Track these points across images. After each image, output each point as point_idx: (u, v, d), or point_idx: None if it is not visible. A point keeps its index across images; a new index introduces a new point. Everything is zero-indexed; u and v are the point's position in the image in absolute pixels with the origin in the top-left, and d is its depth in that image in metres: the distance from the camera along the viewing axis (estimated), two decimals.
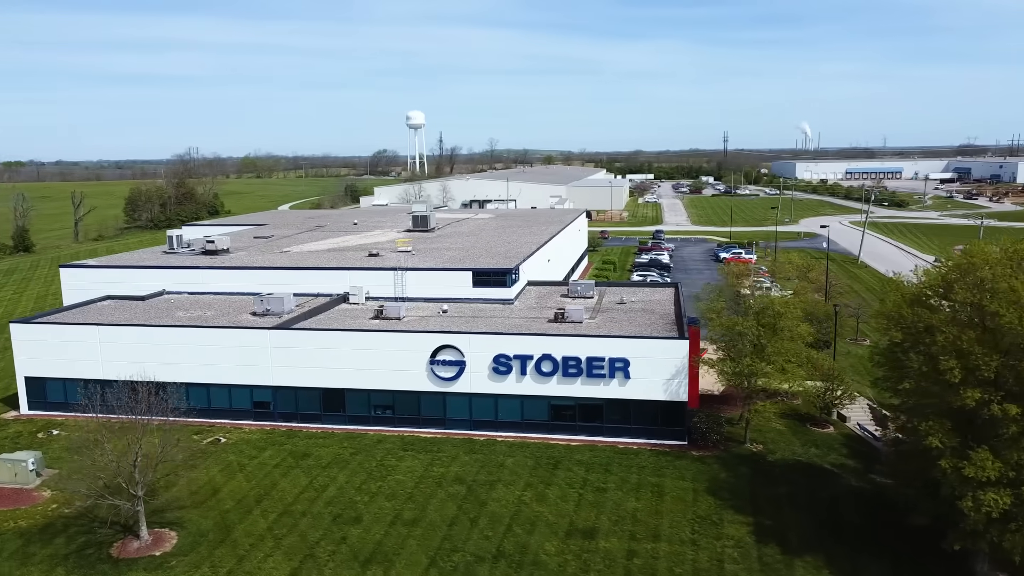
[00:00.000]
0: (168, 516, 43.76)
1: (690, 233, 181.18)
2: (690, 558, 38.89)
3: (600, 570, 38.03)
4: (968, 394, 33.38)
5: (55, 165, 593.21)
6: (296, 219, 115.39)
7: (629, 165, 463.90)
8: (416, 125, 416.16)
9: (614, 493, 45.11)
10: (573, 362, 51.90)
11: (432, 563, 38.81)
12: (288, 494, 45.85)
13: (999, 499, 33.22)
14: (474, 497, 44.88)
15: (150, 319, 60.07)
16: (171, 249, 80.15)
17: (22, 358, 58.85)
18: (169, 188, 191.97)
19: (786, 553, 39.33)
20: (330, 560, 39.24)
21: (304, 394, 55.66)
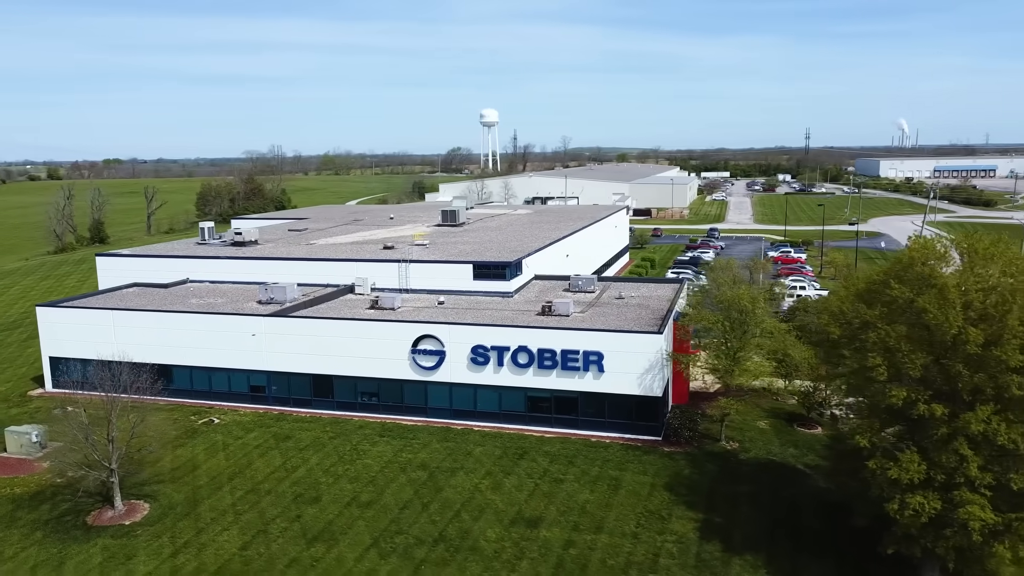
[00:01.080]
0: (146, 489, 46.38)
1: (748, 232, 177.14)
2: (626, 551, 38.83)
3: (534, 558, 38.43)
4: (894, 393, 32.29)
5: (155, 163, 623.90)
6: (338, 213, 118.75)
7: (705, 163, 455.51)
8: (490, 123, 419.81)
9: (570, 485, 45.29)
10: (548, 354, 52.22)
11: (374, 543, 40.00)
12: (260, 473, 47.87)
13: (926, 503, 32.05)
14: (433, 483, 45.85)
15: (163, 305, 63.35)
16: (202, 240, 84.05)
17: (47, 339, 63.07)
18: (238, 184, 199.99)
19: (727, 551, 38.81)
20: (280, 536, 40.91)
21: (296, 379, 57.77)
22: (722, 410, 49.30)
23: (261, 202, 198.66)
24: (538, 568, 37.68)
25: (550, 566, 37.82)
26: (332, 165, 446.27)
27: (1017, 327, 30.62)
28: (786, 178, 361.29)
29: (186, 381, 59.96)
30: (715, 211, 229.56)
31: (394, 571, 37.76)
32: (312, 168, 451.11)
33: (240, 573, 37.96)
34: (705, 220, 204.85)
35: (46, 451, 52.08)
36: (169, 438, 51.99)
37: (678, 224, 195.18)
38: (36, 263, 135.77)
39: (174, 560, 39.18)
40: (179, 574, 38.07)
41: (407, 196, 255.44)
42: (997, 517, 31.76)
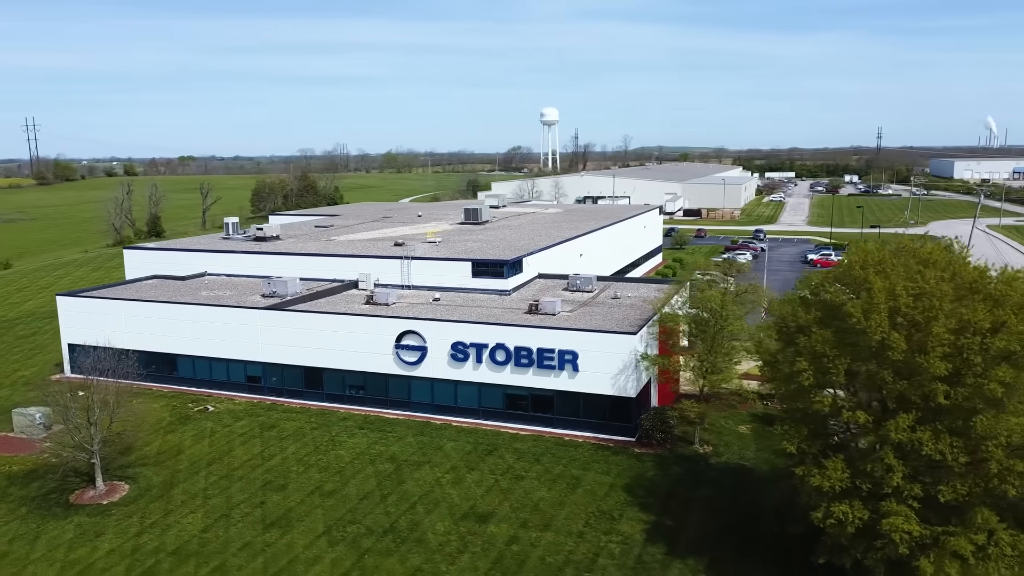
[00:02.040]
0: (129, 471, 48.66)
1: (798, 233, 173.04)
2: (568, 549, 38.97)
3: (475, 552, 38.95)
4: (818, 399, 31.65)
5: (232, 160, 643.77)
6: (371, 211, 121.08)
7: (771, 163, 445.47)
8: (550, 122, 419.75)
9: (530, 482, 45.59)
10: (525, 352, 52.56)
11: (326, 531, 41.15)
12: (237, 460, 49.65)
13: (850, 512, 31.33)
14: (397, 476, 46.78)
15: (176, 297, 66.02)
16: (227, 235, 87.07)
17: (66, 327, 66.51)
18: (291, 181, 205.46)
19: (670, 554, 38.56)
20: (240, 521, 42.45)
21: (289, 371, 59.53)
22: (698, 413, 48.74)
23: (313, 199, 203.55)
24: (477, 562, 38.18)
25: (489, 561, 38.28)
26: (394, 163, 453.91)
27: (943, 335, 29.64)
28: (852, 179, 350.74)
29: (189, 370, 62.44)
30: (769, 212, 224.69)
31: (338, 559, 38.80)
32: (375, 166, 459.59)
33: (194, 554, 39.57)
34: (757, 221, 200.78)
35: (49, 432, 55.03)
36: (152, 423, 54.49)
37: (727, 225, 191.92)
38: (93, 255, 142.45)
39: (138, 539, 41.10)
40: (138, 552, 39.92)
41: (460, 194, 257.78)
42: (925, 530, 30.85)
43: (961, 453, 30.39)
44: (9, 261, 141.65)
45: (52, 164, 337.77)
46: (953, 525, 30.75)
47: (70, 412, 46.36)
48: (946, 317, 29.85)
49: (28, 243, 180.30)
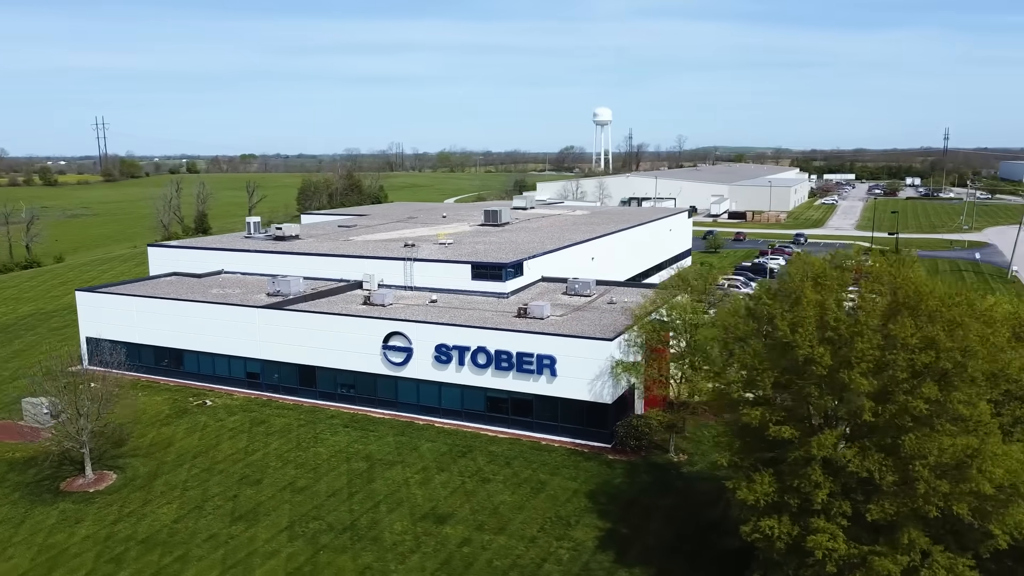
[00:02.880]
0: (120, 461, 50.82)
1: (843, 238, 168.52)
2: (516, 553, 39.31)
3: (426, 552, 39.61)
4: (745, 411, 31.32)
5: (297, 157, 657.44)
6: (399, 211, 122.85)
7: (830, 164, 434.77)
8: (603, 122, 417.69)
9: (495, 485, 46.02)
10: (505, 356, 52.97)
11: (289, 527, 42.35)
12: (222, 454, 51.34)
13: (777, 528, 30.95)
14: (368, 475, 47.76)
15: (184, 294, 68.39)
16: (248, 234, 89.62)
17: (84, 321, 69.58)
18: (337, 181, 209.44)
19: (618, 562, 38.56)
20: (211, 514, 44.00)
21: (285, 368, 61.14)
22: (661, 422, 48.45)
23: (358, 198, 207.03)
24: (426, 563, 38.83)
25: (438, 562, 38.89)
26: (448, 162, 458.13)
27: (867, 350, 29.04)
28: (914, 182, 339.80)
29: (194, 365, 64.67)
30: (819, 216, 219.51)
31: (294, 554, 39.92)
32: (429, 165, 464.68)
33: (162, 543, 41.19)
34: (804, 225, 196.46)
35: (56, 422, 57.73)
36: (151, 416, 56.82)
37: (770, 228, 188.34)
38: (139, 251, 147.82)
39: (113, 527, 42.98)
40: (111, 539, 41.76)
41: (507, 194, 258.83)
42: (853, 548, 30.29)
43: (889, 472, 29.75)
44: (63, 255, 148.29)
45: (119, 161, 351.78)
46: (880, 545, 30.11)
47: (62, 404, 48.60)
48: (872, 332, 29.23)
49: (86, 238, 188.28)
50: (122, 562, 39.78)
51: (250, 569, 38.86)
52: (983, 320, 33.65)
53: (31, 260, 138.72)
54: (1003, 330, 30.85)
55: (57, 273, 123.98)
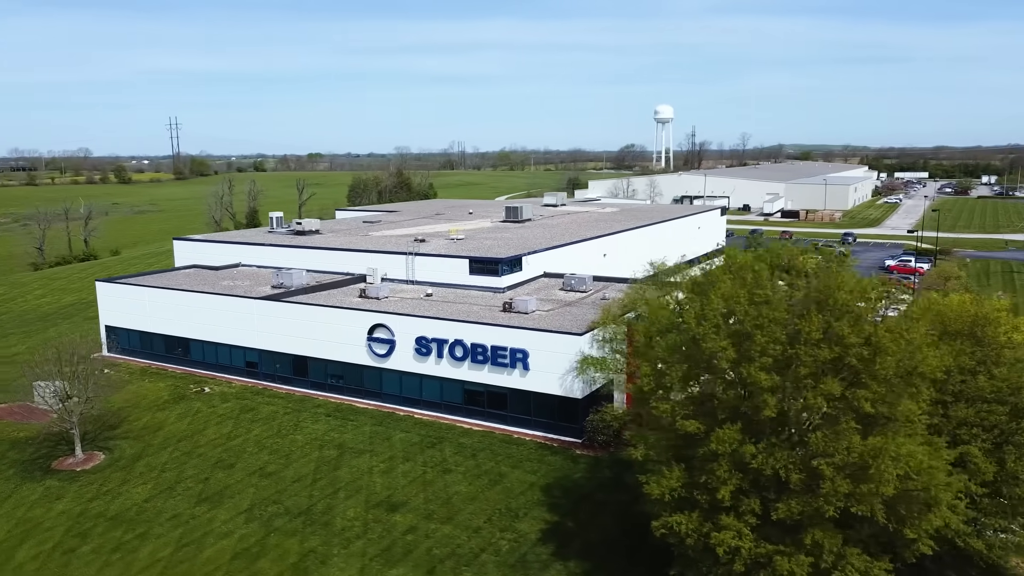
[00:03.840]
0: (111, 443, 53.24)
1: (898, 238, 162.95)
2: (457, 543, 39.73)
3: (371, 539, 40.41)
4: (655, 405, 31.01)
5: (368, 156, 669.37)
6: (429, 208, 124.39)
7: (902, 162, 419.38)
8: (664, 119, 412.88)
9: (454, 476, 46.49)
10: (480, 349, 53.37)
11: (248, 509, 43.75)
12: (205, 439, 53.23)
13: (685, 524, 30.58)
14: (336, 462, 48.85)
15: (196, 285, 70.95)
16: (271, 229, 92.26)
17: (104, 310, 72.91)
18: (386, 178, 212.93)
19: (555, 555, 38.61)
20: (181, 495, 45.79)
21: (281, 358, 62.88)
22: (615, 417, 48.03)
23: (407, 195, 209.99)
24: (368, 548, 39.63)
25: (380, 548, 39.63)
26: (508, 161, 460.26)
27: (767, 344, 28.41)
28: (990, 180, 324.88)
29: (199, 353, 67.09)
30: (878, 215, 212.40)
31: (246, 535, 41.25)
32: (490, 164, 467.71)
33: (128, 521, 43.12)
34: (860, 224, 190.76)
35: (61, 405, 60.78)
36: (151, 401, 59.22)
37: (822, 227, 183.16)
38: None
39: (88, 504, 45.17)
40: (83, 516, 43.93)
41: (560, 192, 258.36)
42: (761, 548, 29.71)
43: (795, 470, 29.07)
44: (119, 249, 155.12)
45: (189, 160, 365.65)
46: (786, 545, 29.44)
47: (44, 389, 51.23)
48: (775, 326, 28.57)
49: (147, 233, 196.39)
50: (87, 537, 41.82)
51: (202, 548, 40.36)
52: (915, 317, 32.63)
53: (88, 253, 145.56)
54: (920, 327, 29.69)
55: (107, 265, 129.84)
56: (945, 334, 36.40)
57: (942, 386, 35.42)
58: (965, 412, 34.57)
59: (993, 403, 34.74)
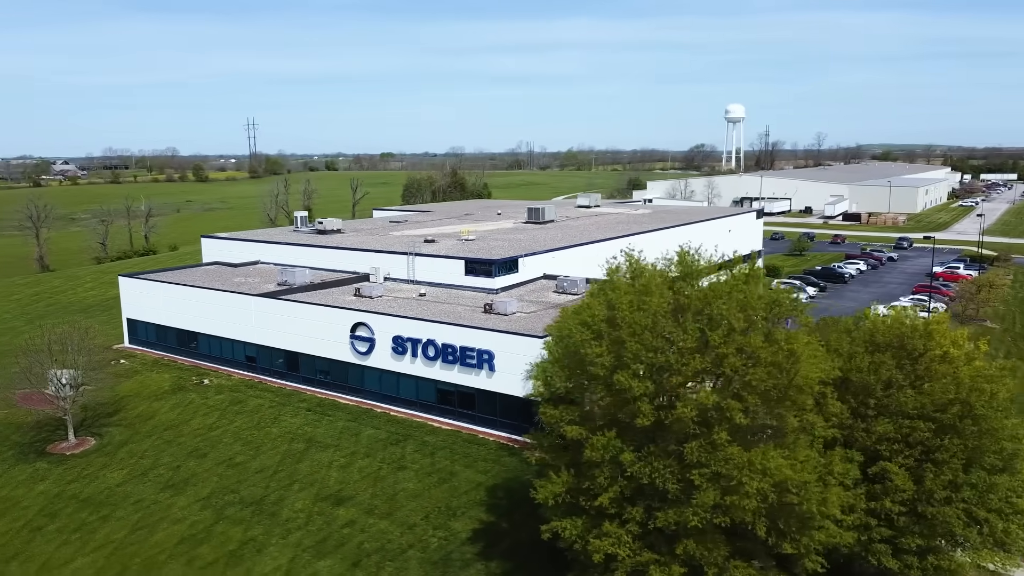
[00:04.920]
0: (105, 429, 56.32)
1: (964, 243, 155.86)
2: (389, 538, 40.71)
3: (310, 531, 41.79)
4: (543, 410, 31.21)
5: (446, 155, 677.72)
6: (460, 208, 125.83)
7: (990, 163, 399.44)
8: (735, 119, 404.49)
9: (407, 473, 47.45)
10: (451, 349, 54.19)
11: (207, 497, 45.79)
12: (188, 428, 55.71)
13: (569, 529, 30.74)
14: (300, 455, 50.47)
15: (207, 282, 74.06)
16: (296, 228, 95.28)
17: (126, 304, 76.88)
18: (440, 178, 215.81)
19: (480, 555, 39.20)
20: (151, 481, 48.22)
21: (276, 354, 65.14)
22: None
23: (460, 195, 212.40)
24: (304, 540, 41.00)
25: (316, 539, 40.95)
26: (575, 161, 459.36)
27: (639, 351, 28.27)
28: None
29: (206, 347, 70.09)
30: (947, 218, 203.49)
31: (197, 522, 43.22)
32: (557, 164, 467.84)
33: (96, 503, 45.73)
34: (926, 228, 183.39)
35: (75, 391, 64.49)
36: (152, 391, 62.20)
37: (884, 231, 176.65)
38: None
39: (66, 486, 48.07)
40: (59, 497, 46.79)
41: (619, 192, 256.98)
42: (640, 556, 29.62)
43: (672, 479, 28.86)
44: (178, 244, 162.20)
45: (263, 159, 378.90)
46: (663, 554, 29.26)
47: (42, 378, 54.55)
48: (647, 333, 28.41)
49: (210, 228, 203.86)
50: (56, 516, 44.56)
51: (154, 532, 42.51)
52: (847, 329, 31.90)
53: (148, 248, 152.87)
54: (802, 338, 28.93)
55: (160, 260, 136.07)
56: (873, 347, 35.36)
57: (864, 399, 34.51)
58: (885, 427, 33.52)
59: (916, 419, 33.55)
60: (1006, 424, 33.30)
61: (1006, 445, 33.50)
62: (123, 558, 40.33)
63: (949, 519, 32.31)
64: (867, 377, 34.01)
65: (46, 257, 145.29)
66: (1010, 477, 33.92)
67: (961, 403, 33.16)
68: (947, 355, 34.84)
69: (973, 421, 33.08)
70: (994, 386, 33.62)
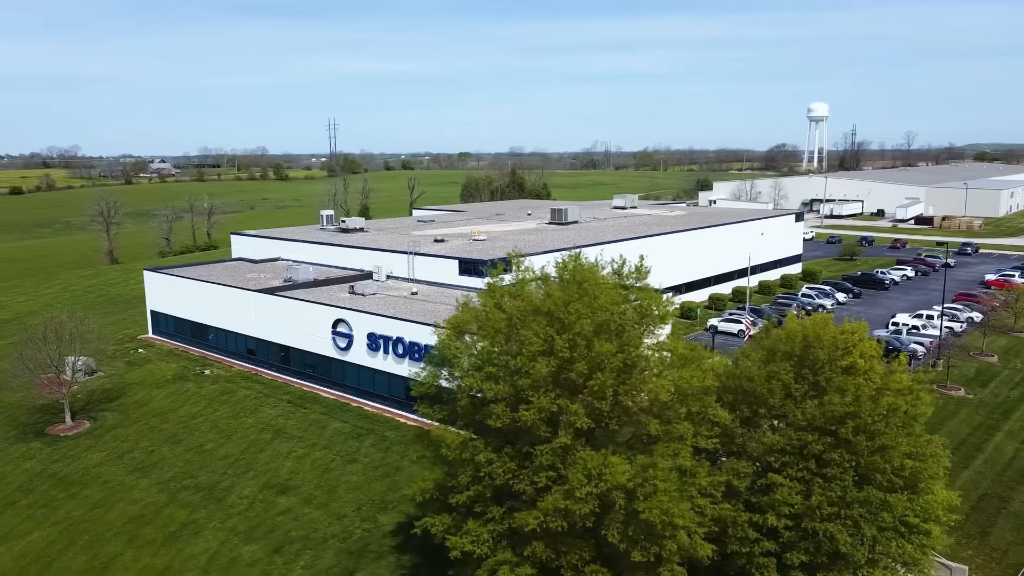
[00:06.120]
0: (102, 414, 59.98)
1: None
2: (316, 527, 42.25)
3: (248, 516, 43.81)
4: (421, 407, 31.96)
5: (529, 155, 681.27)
6: (491, 209, 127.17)
7: None
8: (817, 117, 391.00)
9: (355, 466, 48.89)
10: (416, 347, 55.35)
11: (168, 481, 48.45)
12: (175, 416, 58.74)
13: (436, 525, 31.47)
14: (264, 445, 52.63)
15: (222, 278, 77.54)
16: (322, 227, 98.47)
17: (150, 297, 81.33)
18: (498, 177, 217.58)
19: (396, 548, 40.34)
20: (124, 464, 51.33)
21: (272, 347, 67.80)
22: None
23: (519, 195, 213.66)
24: (239, 525, 42.97)
25: (250, 525, 42.87)
26: (649, 161, 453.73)
27: (493, 355, 28.67)
28: None
29: (214, 339, 73.53)
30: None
31: (150, 503, 45.83)
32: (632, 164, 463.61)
33: (70, 482, 49.01)
34: (1004, 233, 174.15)
35: (91, 377, 68.82)
36: (156, 379, 65.79)
37: (951, 236, 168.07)
38: None
39: (49, 465, 51.64)
40: (40, 474, 50.35)
41: (685, 193, 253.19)
42: (498, 555, 30.06)
43: (525, 481, 29.17)
44: None
45: (341, 158, 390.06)
46: (514, 555, 29.59)
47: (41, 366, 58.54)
48: (499, 335, 28.79)
49: (276, 224, 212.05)
50: (31, 492, 48.02)
51: (110, 510, 45.33)
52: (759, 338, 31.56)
53: (209, 244, 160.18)
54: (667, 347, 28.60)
55: (211, 255, 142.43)
56: (772, 357, 34.56)
57: (756, 409, 33.83)
58: (773, 439, 32.78)
59: (806, 431, 32.67)
60: (901, 442, 31.99)
61: (906, 463, 32.19)
62: (74, 534, 43.20)
63: (835, 535, 31.40)
64: (758, 386, 33.31)
65: (115, 251, 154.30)
66: (910, 496, 32.59)
67: (854, 417, 32.13)
68: (852, 367, 33.72)
69: (867, 437, 32.01)
70: (895, 400, 32.44)
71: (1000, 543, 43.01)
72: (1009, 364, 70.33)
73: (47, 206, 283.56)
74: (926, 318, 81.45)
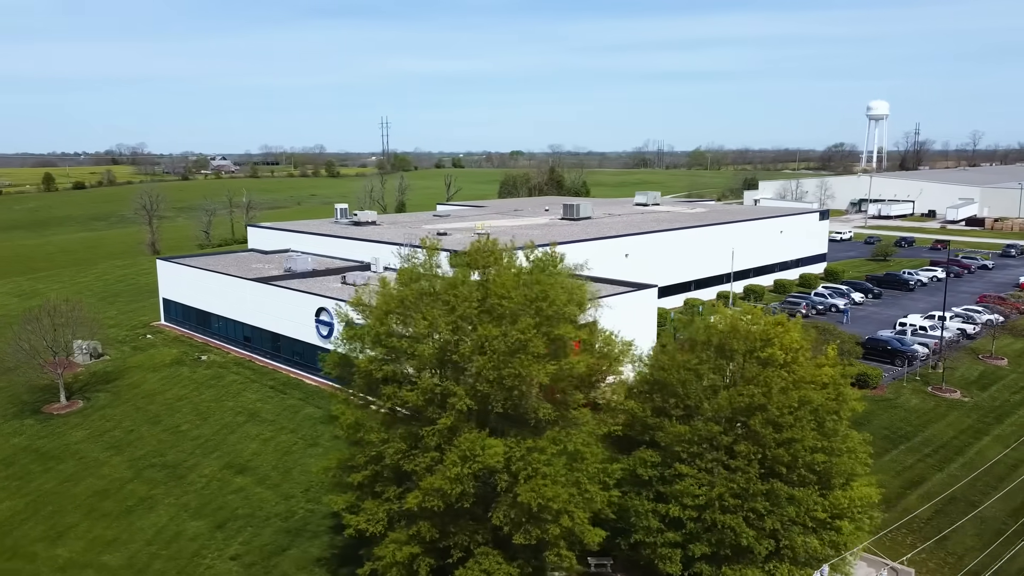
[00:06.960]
0: (96, 394, 62.44)
1: None
2: (261, 506, 43.49)
3: (203, 494, 45.32)
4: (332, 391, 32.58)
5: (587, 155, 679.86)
6: (510, 205, 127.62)
7: None
8: (877, 116, 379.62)
9: (315, 450, 49.85)
10: None
11: (138, 459, 50.35)
12: (162, 398, 60.78)
13: (337, 503, 32.17)
14: (235, 427, 54.14)
15: (230, 267, 79.89)
16: (336, 219, 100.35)
17: (163, 285, 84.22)
18: (537, 175, 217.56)
19: (334, 529, 40.88)
20: (103, 442, 53.47)
21: (265, 335, 69.55)
22: None
23: (557, 192, 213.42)
24: (191, 502, 44.42)
25: (201, 502, 44.32)
26: (701, 160, 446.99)
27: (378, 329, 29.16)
28: None
29: (217, 326, 75.75)
30: None
31: (117, 479, 47.70)
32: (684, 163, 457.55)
33: (50, 457, 51.31)
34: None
35: (98, 360, 71.70)
36: (155, 363, 68.18)
37: (1001, 238, 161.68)
38: None
39: (35, 440, 54.14)
40: (25, 449, 52.86)
41: (731, 192, 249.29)
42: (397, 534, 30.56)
43: (414, 462, 29.57)
44: None
45: (391, 156, 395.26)
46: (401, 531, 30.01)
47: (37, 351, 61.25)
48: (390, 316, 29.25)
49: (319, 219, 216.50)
50: (11, 465, 50.46)
51: (77, 484, 47.33)
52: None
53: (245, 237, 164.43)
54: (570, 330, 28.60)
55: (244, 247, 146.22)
56: (692, 347, 34.22)
57: (667, 399, 33.54)
58: (679, 428, 32.44)
59: (714, 421, 32.27)
60: (808, 435, 31.30)
61: (816, 457, 31.52)
62: (40, 505, 45.28)
63: (736, 527, 30.96)
64: (669, 375, 33.03)
65: (158, 243, 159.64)
66: (821, 491, 31.90)
67: (763, 409, 31.61)
68: (771, 359, 33.13)
69: (775, 429, 31.46)
70: (807, 394, 31.78)
71: (958, 548, 41.66)
72: (1019, 368, 67.68)
73: (106, 200, 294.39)
74: (937, 319, 78.80)
